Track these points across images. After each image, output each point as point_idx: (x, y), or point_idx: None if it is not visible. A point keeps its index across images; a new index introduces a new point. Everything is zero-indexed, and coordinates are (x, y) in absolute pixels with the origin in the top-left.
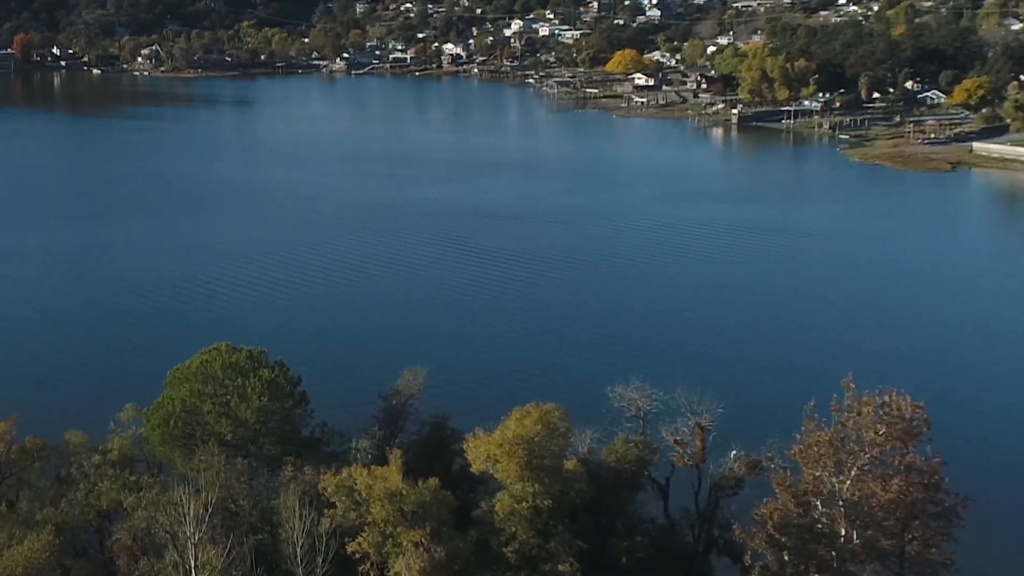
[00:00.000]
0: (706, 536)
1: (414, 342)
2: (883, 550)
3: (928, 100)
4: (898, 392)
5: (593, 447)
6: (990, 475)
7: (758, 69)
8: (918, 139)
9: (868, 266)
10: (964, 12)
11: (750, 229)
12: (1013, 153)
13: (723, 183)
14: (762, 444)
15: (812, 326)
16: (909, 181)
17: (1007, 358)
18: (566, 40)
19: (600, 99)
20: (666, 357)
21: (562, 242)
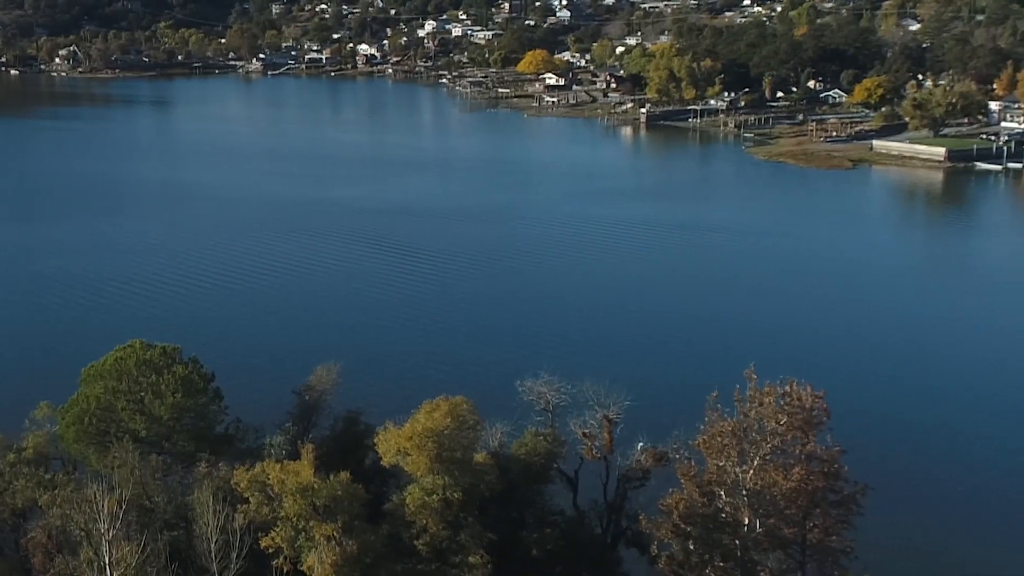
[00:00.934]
0: (614, 527)
1: (329, 338)
2: (785, 538)
3: (830, 99)
4: (799, 382)
5: (503, 441)
6: (888, 462)
7: (665, 69)
8: (820, 137)
9: (772, 261)
10: (864, 13)
11: (659, 225)
12: (911, 150)
13: (633, 181)
14: (668, 435)
15: (717, 319)
16: (812, 178)
17: (908, 348)
18: (478, 41)
19: (512, 99)
20: (575, 351)
21: (476, 239)
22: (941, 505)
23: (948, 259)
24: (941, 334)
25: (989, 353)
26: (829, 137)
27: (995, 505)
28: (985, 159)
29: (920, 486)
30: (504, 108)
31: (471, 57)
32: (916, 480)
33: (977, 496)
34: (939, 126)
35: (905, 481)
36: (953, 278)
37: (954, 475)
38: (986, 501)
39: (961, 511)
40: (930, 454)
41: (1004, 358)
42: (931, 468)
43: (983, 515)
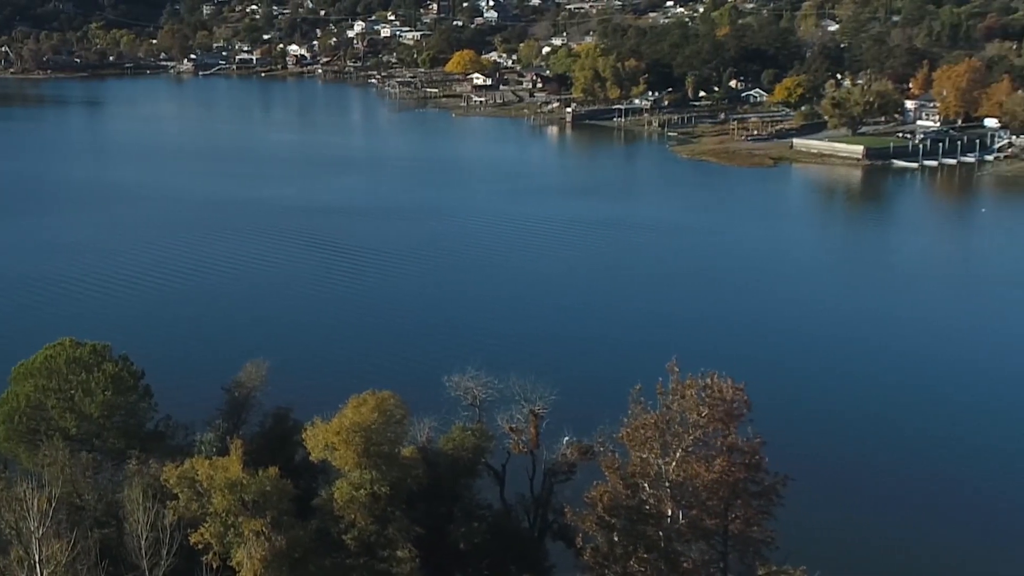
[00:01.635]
0: (541, 520)
1: (259, 336)
2: (707, 529)
3: (751, 98)
4: (720, 375)
5: (431, 436)
6: (808, 452)
7: (590, 69)
8: (742, 136)
9: (695, 256)
10: (784, 14)
11: (585, 223)
12: (830, 148)
13: (559, 179)
14: (594, 429)
15: (641, 313)
16: (734, 176)
17: (828, 340)
18: (407, 41)
19: (440, 98)
20: (502, 346)
21: (406, 237)
22: (861, 493)
23: (867, 254)
24: (860, 326)
25: (907, 343)
26: (750, 136)
27: (914, 491)
28: (902, 157)
29: (840, 475)
30: (432, 108)
31: (400, 57)
32: (836, 469)
33: (896, 482)
34: (857, 125)
35: (825, 471)
36: (871, 272)
37: (873, 463)
38: (905, 487)
39: (879, 498)
40: (850, 443)
41: (922, 348)
42: (851, 457)
43: (902, 501)
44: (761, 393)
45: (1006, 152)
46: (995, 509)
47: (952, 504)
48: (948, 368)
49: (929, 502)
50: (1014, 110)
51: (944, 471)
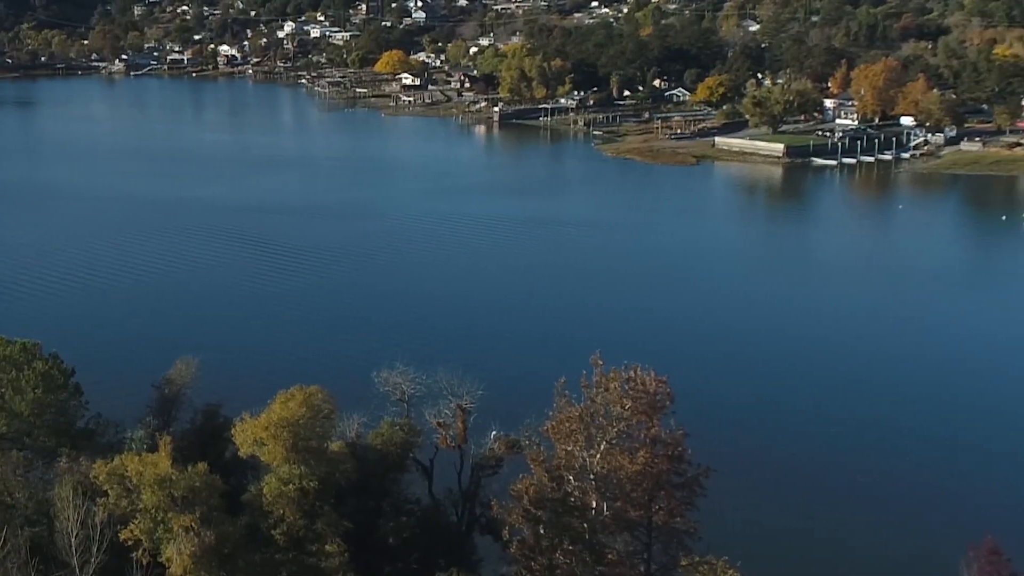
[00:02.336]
0: (469, 515)
1: (190, 333)
2: (632, 520)
3: (674, 97)
4: (643, 367)
5: (360, 431)
6: (730, 443)
7: (517, 68)
8: (665, 134)
9: (620, 252)
10: (706, 14)
11: (512, 220)
12: (751, 147)
13: (486, 177)
14: (520, 423)
15: (567, 308)
16: (658, 174)
17: (748, 332)
18: (336, 41)
19: (369, 98)
20: (430, 342)
21: (337, 235)
22: (782, 483)
23: (787, 249)
24: (781, 318)
25: (827, 334)
26: (674, 134)
27: (834, 479)
28: (821, 155)
29: (762, 465)
30: (362, 108)
31: (329, 58)
32: (758, 460)
33: (817, 471)
34: (778, 123)
35: (747, 461)
36: (792, 267)
37: (794, 453)
38: (825, 475)
39: (800, 488)
40: (772, 434)
41: (841, 339)
42: (772, 447)
43: (823, 490)
44: (684, 385)
45: (922, 150)
46: (917, 494)
47: (874, 490)
48: (867, 357)
49: (850, 489)
50: (929, 108)
51: (864, 458)
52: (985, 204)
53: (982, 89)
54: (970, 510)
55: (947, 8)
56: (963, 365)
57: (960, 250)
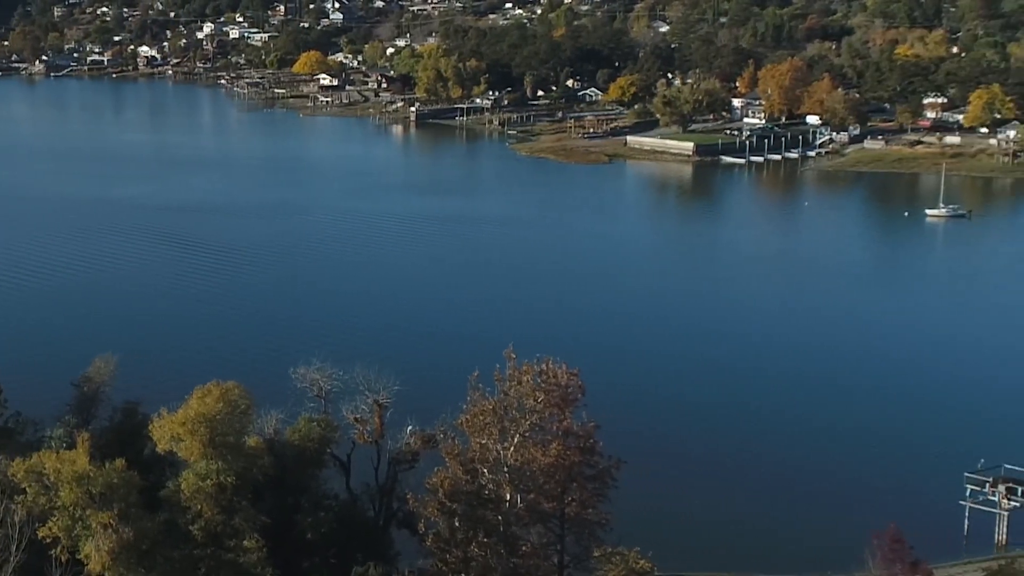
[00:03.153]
0: (386, 509)
1: (110, 331)
2: (545, 512)
3: (587, 97)
4: (555, 360)
5: (278, 427)
6: (641, 435)
7: (433, 69)
8: (578, 134)
9: (533, 248)
10: (617, 15)
11: (428, 218)
12: (662, 145)
13: (404, 176)
14: (436, 418)
15: (483, 304)
16: (571, 172)
17: (658, 325)
18: (255, 43)
19: (288, 99)
20: (348, 338)
21: (256, 233)
22: (693, 473)
23: (697, 245)
24: (690, 311)
25: (735, 327)
26: (587, 134)
27: (743, 468)
28: (730, 153)
29: (672, 456)
30: (280, 108)
31: (248, 59)
32: (668, 451)
33: (725, 461)
34: (687, 122)
35: (658, 452)
36: (702, 262)
37: (704, 443)
38: (734, 465)
39: (710, 477)
40: (682, 425)
41: (749, 331)
42: (683, 438)
43: (732, 479)
44: (596, 378)
45: (827, 148)
46: (825, 483)
47: (783, 479)
48: (777, 349)
49: (759, 479)
50: (834, 107)
51: (774, 447)
52: (888, 201)
53: (884, 88)
54: (875, 498)
55: (851, 9)
56: (870, 356)
57: (865, 245)
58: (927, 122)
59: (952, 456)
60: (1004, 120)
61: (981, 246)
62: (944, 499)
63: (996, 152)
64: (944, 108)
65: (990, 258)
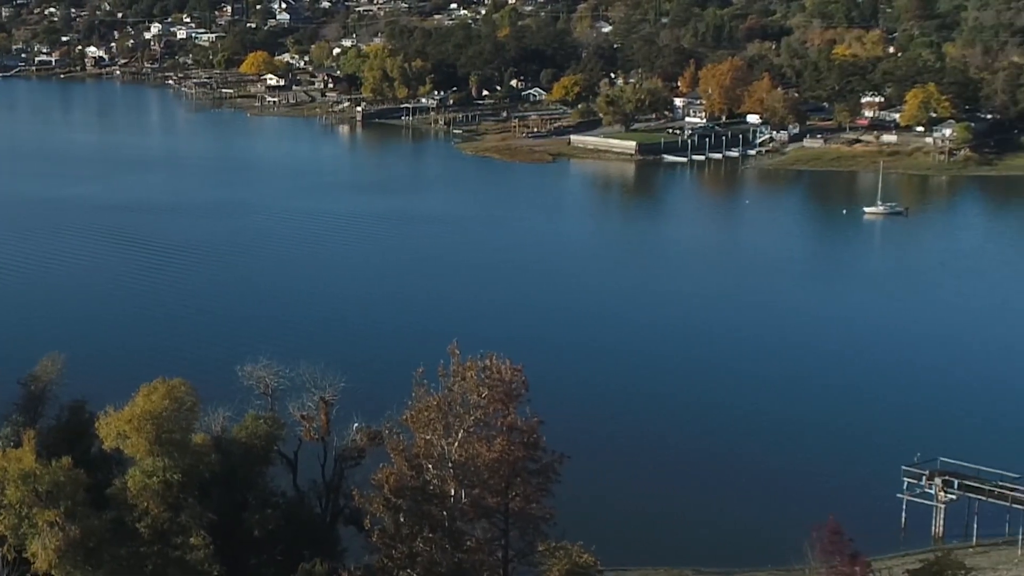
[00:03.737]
0: (333, 506)
1: (58, 330)
2: (489, 507)
3: (531, 97)
4: (498, 356)
5: (225, 425)
6: (584, 430)
7: (379, 69)
8: (523, 133)
9: (478, 245)
10: (560, 15)
11: (376, 216)
12: (605, 144)
13: (351, 175)
14: (383, 414)
15: (428, 300)
16: (516, 171)
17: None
18: (203, 43)
19: (235, 99)
20: (295, 335)
21: (204, 232)
22: (635, 467)
23: (640, 242)
24: (633, 307)
25: (677, 322)
26: (531, 133)
27: (686, 461)
28: (672, 152)
29: (615, 450)
30: (228, 108)
31: (196, 59)
32: (612, 445)
33: (668, 454)
34: (630, 121)
35: (602, 446)
36: (645, 259)
37: (646, 436)
38: (677, 457)
39: (652, 470)
40: (625, 419)
41: (691, 326)
42: (626, 432)
43: (674, 472)
44: (540, 373)
45: (767, 147)
46: (765, 475)
47: (725, 472)
48: (718, 343)
49: (701, 472)
50: (774, 107)
51: (716, 440)
52: (827, 199)
53: (823, 88)
54: (816, 491)
55: (789, 10)
56: (810, 351)
57: (805, 242)
58: (865, 121)
59: (890, 449)
60: (940, 119)
61: (918, 243)
62: (882, 492)
63: (932, 150)
64: (881, 107)
65: (927, 254)
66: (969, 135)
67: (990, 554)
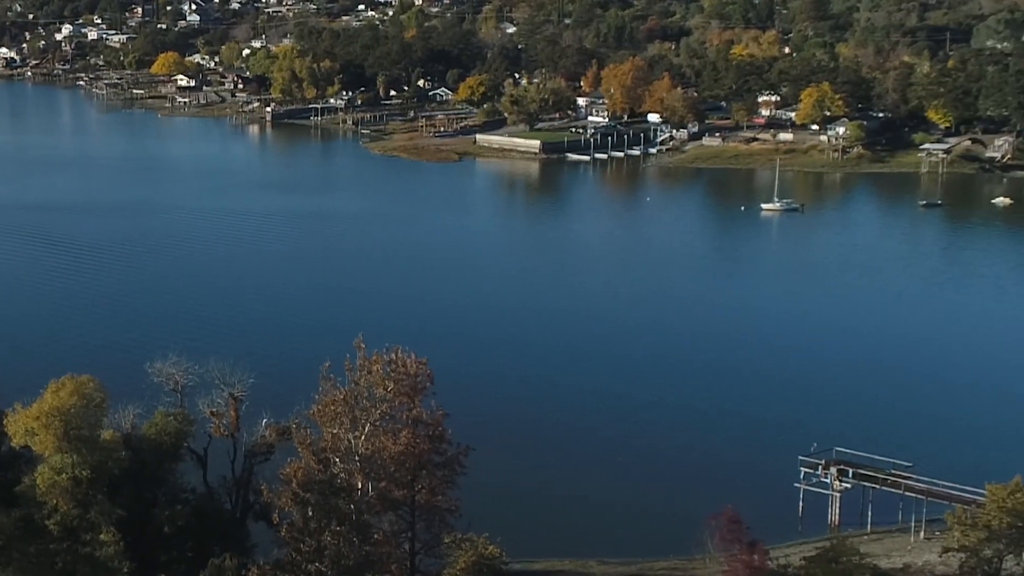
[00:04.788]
0: (243, 501)
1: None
2: (396, 500)
3: (438, 97)
4: (404, 350)
5: (135, 422)
6: (489, 422)
7: (288, 70)
8: (430, 132)
9: (386, 242)
10: (466, 16)
11: (285, 214)
12: (510, 143)
13: (261, 175)
14: (291, 410)
15: (335, 295)
16: (423, 170)
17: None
18: (114, 44)
19: (146, 99)
20: (204, 332)
21: (116, 231)
22: (539, 457)
23: (545, 238)
24: (537, 299)
25: (581, 313)
26: (438, 132)
27: (587, 451)
28: (575, 151)
29: (519, 442)
30: (139, 108)
31: (107, 60)
32: (516, 437)
33: (572, 444)
34: (534, 121)
35: (506, 438)
36: (549, 253)
37: (550, 428)
38: (579, 448)
39: (556, 461)
40: (529, 411)
41: (594, 317)
42: (530, 424)
43: (578, 462)
44: (444, 367)
45: (667, 145)
46: (668, 464)
47: (628, 462)
48: (621, 333)
49: (605, 462)
50: (674, 106)
51: (615, 432)
52: (726, 196)
53: (721, 87)
54: (716, 482)
55: (688, 11)
56: (710, 343)
57: (705, 238)
58: (761, 119)
59: (789, 440)
60: (834, 117)
61: (813, 237)
62: (781, 482)
63: (826, 148)
64: (777, 106)
65: (823, 250)
66: (862, 133)
67: (883, 541)
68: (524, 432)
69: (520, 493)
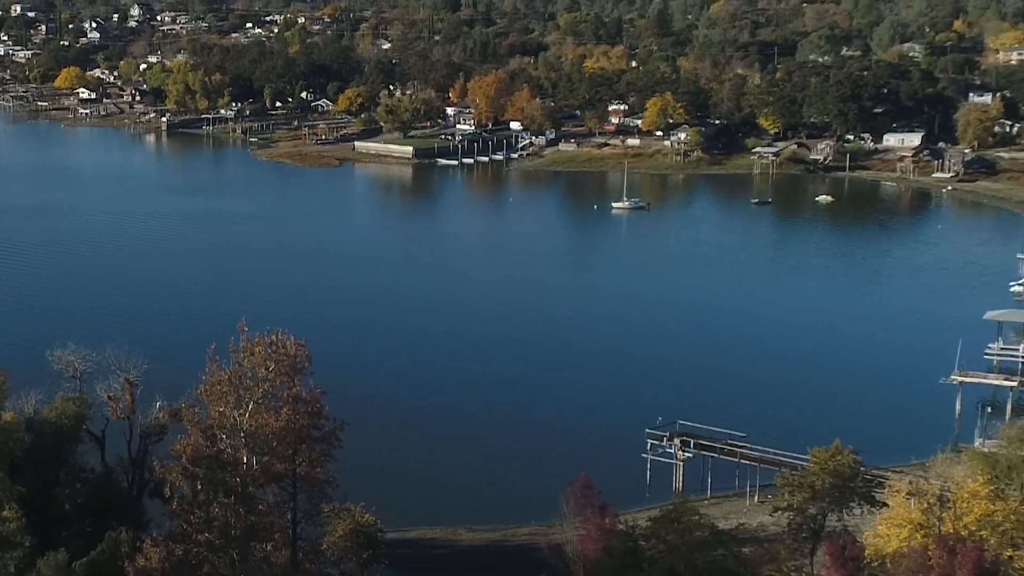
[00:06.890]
0: (139, 480)
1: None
2: (278, 473)
3: (319, 107)
4: (283, 332)
5: (37, 407)
6: (366, 398)
7: (182, 83)
8: (312, 140)
9: (271, 238)
10: (345, 33)
11: (179, 215)
12: (386, 150)
13: (158, 180)
14: (183, 393)
15: (222, 286)
16: (307, 175)
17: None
18: (19, 59)
19: (51, 111)
20: (101, 321)
21: (21, 232)
22: (410, 431)
23: (417, 233)
24: (408, 288)
25: (449, 301)
26: (319, 140)
27: (454, 424)
28: (445, 156)
29: (391, 416)
30: (44, 120)
31: (13, 74)
32: (388, 411)
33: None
34: (407, 129)
35: (379, 413)
36: (420, 249)
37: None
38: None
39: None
40: (399, 387)
41: (464, 304)
42: (400, 399)
43: (446, 435)
44: (321, 348)
45: (528, 151)
46: (529, 436)
47: (491, 437)
48: (486, 319)
49: (472, 435)
50: (533, 114)
51: (482, 407)
52: (580, 196)
53: (575, 97)
54: (572, 453)
55: (546, 28)
56: (568, 324)
57: (562, 234)
58: (612, 127)
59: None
60: (676, 124)
61: (659, 232)
62: (630, 453)
63: (670, 152)
64: (626, 114)
65: (668, 242)
66: (701, 138)
67: (722, 505)
68: (396, 409)
69: (393, 467)
